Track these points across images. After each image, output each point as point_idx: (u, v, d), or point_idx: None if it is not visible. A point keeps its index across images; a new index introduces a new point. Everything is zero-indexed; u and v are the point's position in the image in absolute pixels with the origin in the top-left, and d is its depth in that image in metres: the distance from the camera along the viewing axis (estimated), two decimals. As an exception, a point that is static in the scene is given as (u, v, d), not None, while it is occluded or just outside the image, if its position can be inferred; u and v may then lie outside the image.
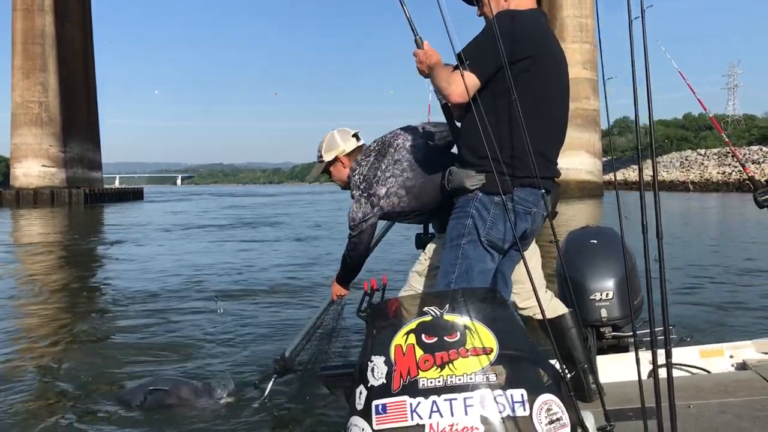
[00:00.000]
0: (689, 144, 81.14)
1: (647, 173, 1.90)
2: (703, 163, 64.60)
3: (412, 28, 2.81)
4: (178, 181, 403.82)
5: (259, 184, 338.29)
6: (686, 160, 66.79)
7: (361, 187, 3.51)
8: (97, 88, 58.82)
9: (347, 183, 3.69)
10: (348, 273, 3.89)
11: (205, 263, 12.77)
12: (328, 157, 3.75)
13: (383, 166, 3.50)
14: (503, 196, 2.49)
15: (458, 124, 3.04)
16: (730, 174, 56.81)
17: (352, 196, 3.55)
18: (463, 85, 2.55)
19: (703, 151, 69.23)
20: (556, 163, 2.92)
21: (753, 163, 56.52)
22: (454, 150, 3.19)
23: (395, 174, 3.44)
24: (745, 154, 60.02)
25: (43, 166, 47.73)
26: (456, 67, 2.70)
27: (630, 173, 68.23)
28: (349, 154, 3.73)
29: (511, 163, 2.64)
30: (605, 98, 2.69)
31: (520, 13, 2.75)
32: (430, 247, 3.70)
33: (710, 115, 4.71)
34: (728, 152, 63.17)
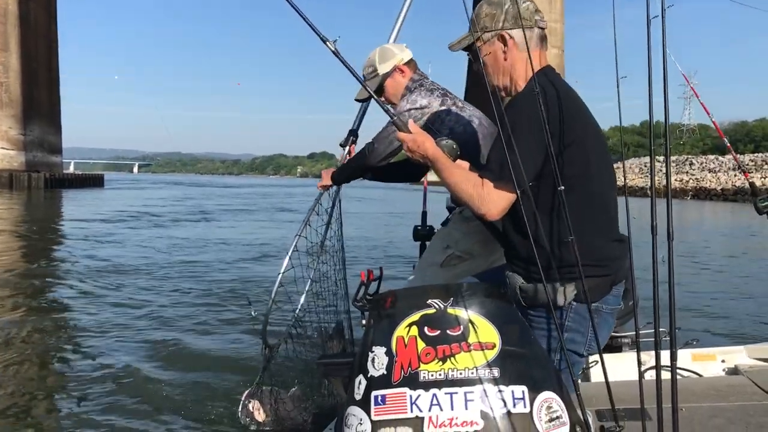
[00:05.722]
0: (645, 151, 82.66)
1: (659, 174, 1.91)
2: (661, 170, 65.67)
3: (385, 110, 2.49)
4: (135, 169, 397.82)
5: (218, 175, 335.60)
6: (645, 166, 67.90)
7: (419, 104, 3.22)
8: (60, 70, 57.57)
9: (402, 96, 3.37)
10: (347, 170, 3.67)
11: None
12: (385, 69, 3.39)
13: (450, 105, 3.23)
14: (598, 303, 2.31)
15: None
16: (687, 182, 58.03)
17: (400, 105, 3.28)
18: (501, 205, 2.22)
19: (661, 159, 70.38)
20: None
21: (710, 172, 57.80)
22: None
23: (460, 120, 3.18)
24: (702, 163, 61.34)
25: (2, 148, 46.63)
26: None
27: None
28: (407, 64, 3.42)
29: (599, 262, 2.31)
30: (618, 98, 2.58)
31: (553, 88, 2.30)
32: (435, 244, 3.65)
33: (712, 119, 4.68)
34: (686, 160, 64.57)
